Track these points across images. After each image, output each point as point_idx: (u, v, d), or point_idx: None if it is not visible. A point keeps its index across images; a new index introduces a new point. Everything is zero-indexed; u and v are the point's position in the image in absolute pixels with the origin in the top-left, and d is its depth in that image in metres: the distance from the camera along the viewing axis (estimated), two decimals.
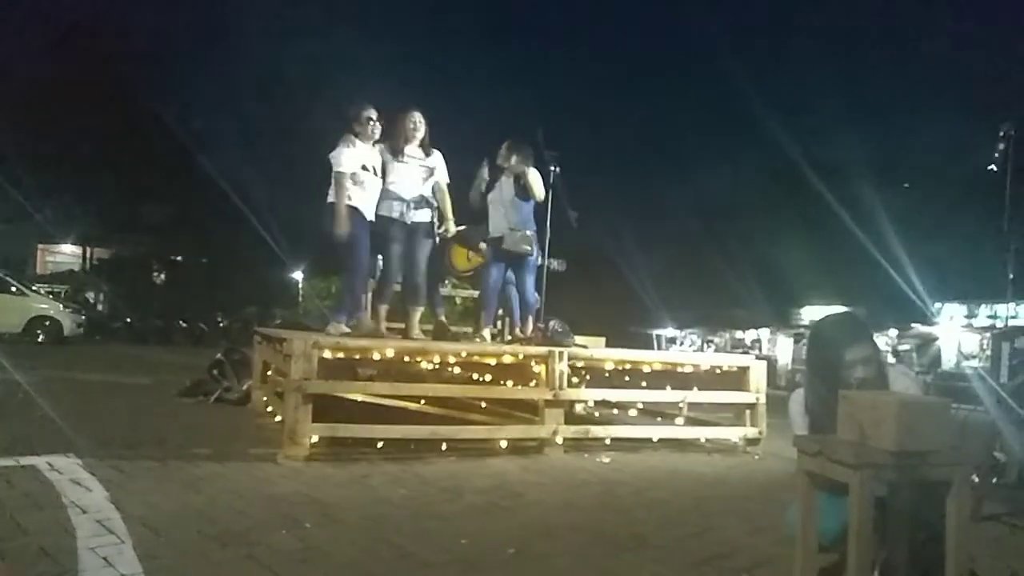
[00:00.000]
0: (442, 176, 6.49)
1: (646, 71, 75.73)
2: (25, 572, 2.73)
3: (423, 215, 6.39)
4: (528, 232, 6.70)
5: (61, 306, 19.38)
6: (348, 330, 5.98)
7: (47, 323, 17.88)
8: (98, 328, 23.38)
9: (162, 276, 29.78)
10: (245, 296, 29.07)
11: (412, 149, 6.37)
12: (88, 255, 32.89)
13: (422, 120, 6.39)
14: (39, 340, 17.35)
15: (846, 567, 2.33)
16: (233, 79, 35.52)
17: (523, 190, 6.67)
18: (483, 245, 7.08)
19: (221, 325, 25.75)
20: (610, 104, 72.60)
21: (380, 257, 6.55)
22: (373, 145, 6.22)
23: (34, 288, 20.33)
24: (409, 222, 6.31)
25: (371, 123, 6.13)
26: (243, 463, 4.89)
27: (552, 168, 6.74)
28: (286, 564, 2.97)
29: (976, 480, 4.12)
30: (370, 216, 6.14)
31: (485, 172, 6.78)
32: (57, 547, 3.00)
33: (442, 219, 6.61)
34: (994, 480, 4.68)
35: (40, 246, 33.76)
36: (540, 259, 7.00)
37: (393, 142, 6.32)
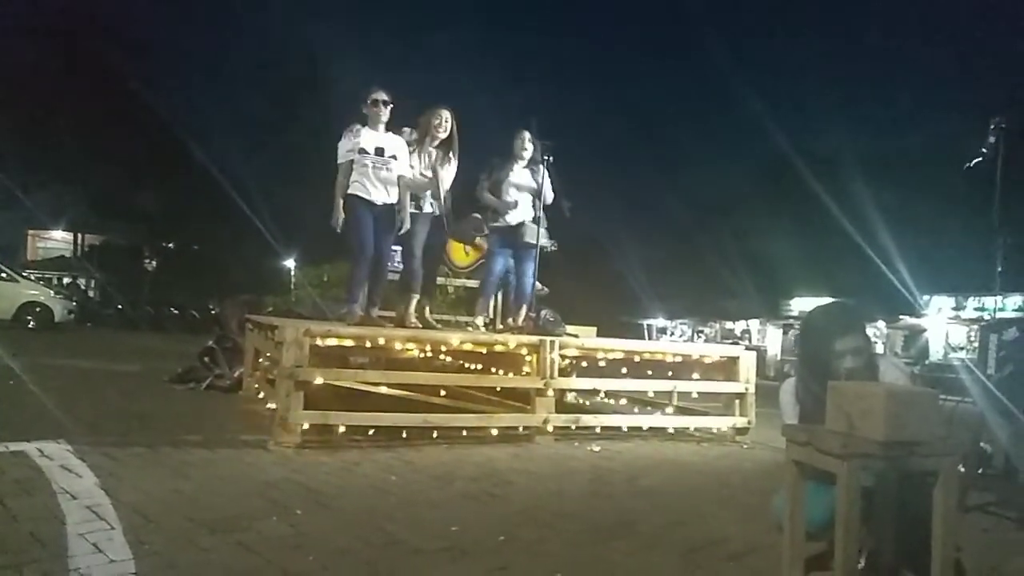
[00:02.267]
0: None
1: (640, 63, 75.62)
2: (15, 558, 2.72)
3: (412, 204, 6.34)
4: (544, 225, 6.78)
5: (52, 292, 19.29)
6: (360, 316, 5.96)
7: (38, 309, 17.79)
8: (89, 315, 23.28)
9: (153, 263, 29.63)
10: (237, 283, 28.98)
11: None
12: (79, 241, 32.72)
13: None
14: (30, 326, 17.27)
15: (833, 555, 2.35)
16: (227, 66, 35.37)
17: (538, 181, 6.72)
18: (477, 238, 7.07)
19: (213, 312, 25.67)
20: (603, 95, 72.57)
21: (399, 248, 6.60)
22: (385, 130, 6.10)
23: (24, 274, 20.22)
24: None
25: (379, 105, 6.01)
26: (234, 450, 4.89)
27: (545, 158, 6.74)
28: (276, 551, 2.98)
29: (963, 470, 4.16)
30: (376, 200, 6.02)
31: (497, 167, 6.75)
32: (47, 533, 3.00)
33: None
34: (980, 471, 4.72)
35: (30, 232, 33.59)
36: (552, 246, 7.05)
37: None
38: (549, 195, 6.82)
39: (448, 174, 6.40)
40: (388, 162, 6.05)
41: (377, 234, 6.07)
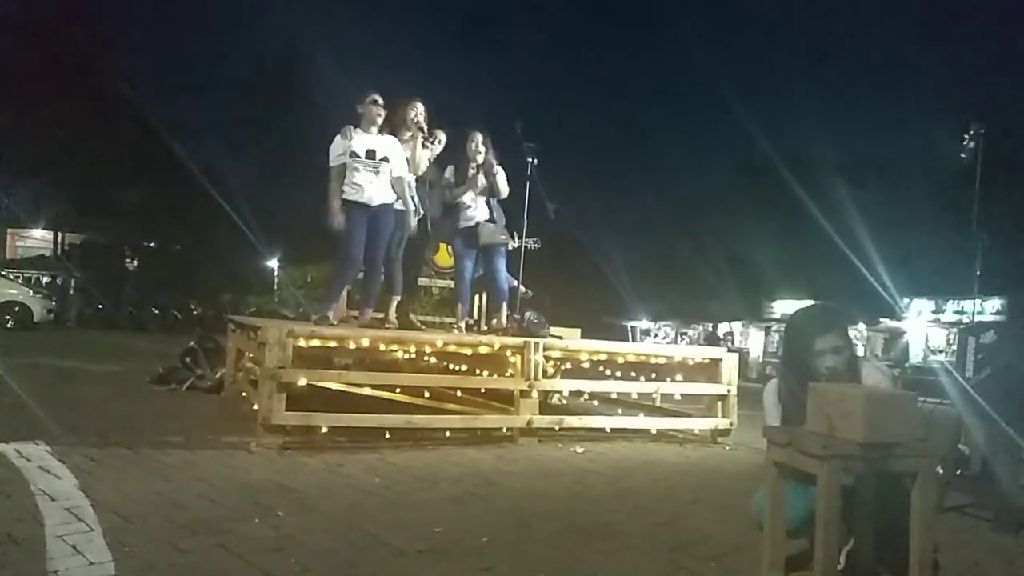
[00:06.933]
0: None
1: (622, 65, 75.87)
2: None
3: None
4: (502, 223, 6.82)
5: (31, 291, 19.09)
6: (330, 318, 5.96)
7: (16, 308, 17.60)
8: (69, 314, 23.04)
9: (135, 262, 29.36)
10: (219, 284, 28.79)
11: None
12: (59, 240, 32.38)
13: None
14: (8, 326, 17.09)
15: (813, 555, 2.37)
16: (209, 64, 35.19)
17: (494, 183, 6.74)
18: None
19: (195, 312, 25.49)
20: (587, 97, 72.78)
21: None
22: (379, 132, 6.11)
23: (3, 273, 20.00)
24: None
25: (373, 106, 6.03)
26: (215, 451, 4.86)
27: (530, 160, 6.75)
28: (258, 553, 2.97)
29: (940, 472, 4.20)
30: (368, 202, 6.02)
31: (451, 174, 6.79)
32: (25, 535, 2.97)
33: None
34: (958, 472, 4.77)
35: (9, 230, 33.14)
36: (513, 243, 7.06)
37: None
38: (504, 189, 6.83)
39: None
40: (379, 165, 6.06)
41: (369, 237, 6.09)
